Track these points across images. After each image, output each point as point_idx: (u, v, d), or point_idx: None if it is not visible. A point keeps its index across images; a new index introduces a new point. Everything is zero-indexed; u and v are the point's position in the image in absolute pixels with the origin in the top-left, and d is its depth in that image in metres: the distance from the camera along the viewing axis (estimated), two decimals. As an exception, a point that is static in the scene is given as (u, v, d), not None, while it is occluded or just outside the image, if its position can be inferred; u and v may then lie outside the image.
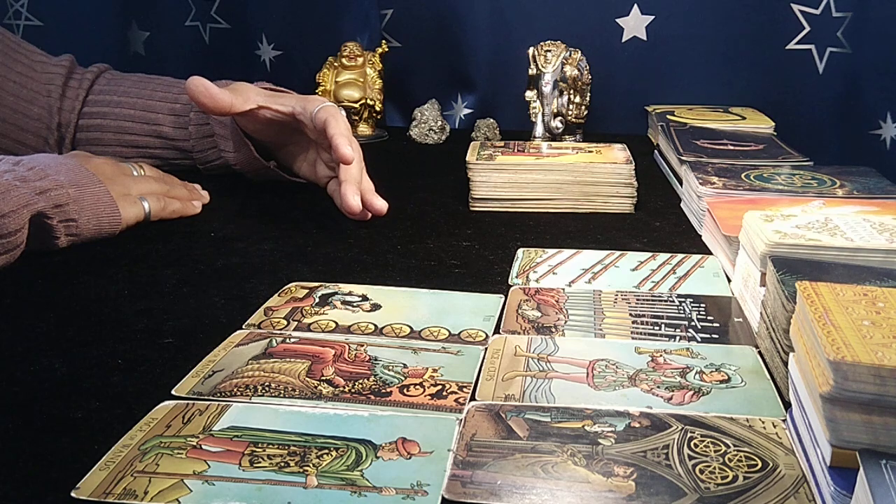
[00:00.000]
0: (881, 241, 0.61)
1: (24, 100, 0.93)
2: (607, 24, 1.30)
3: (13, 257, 0.70)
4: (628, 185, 0.91)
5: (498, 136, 1.22)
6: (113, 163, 0.86)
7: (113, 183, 0.80)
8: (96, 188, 0.77)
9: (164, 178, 0.89)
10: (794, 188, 0.85)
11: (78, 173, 0.76)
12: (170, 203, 0.86)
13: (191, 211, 0.88)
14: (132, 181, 0.84)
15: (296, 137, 0.91)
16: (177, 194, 0.88)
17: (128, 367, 0.56)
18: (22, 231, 0.69)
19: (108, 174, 0.81)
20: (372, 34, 1.35)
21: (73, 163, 0.78)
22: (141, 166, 0.88)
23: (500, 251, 0.78)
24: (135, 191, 0.84)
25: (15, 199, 0.69)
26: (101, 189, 0.77)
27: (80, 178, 0.76)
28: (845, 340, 0.41)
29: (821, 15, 1.23)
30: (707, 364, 0.56)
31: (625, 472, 0.44)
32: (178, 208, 0.87)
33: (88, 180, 0.77)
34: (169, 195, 0.86)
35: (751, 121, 1.19)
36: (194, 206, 0.89)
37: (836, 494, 0.40)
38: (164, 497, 0.42)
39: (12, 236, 0.68)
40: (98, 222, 0.77)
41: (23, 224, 0.69)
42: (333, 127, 0.82)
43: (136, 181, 0.85)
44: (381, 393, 0.53)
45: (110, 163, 0.86)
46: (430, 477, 0.44)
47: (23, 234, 0.70)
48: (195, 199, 0.90)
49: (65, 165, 0.77)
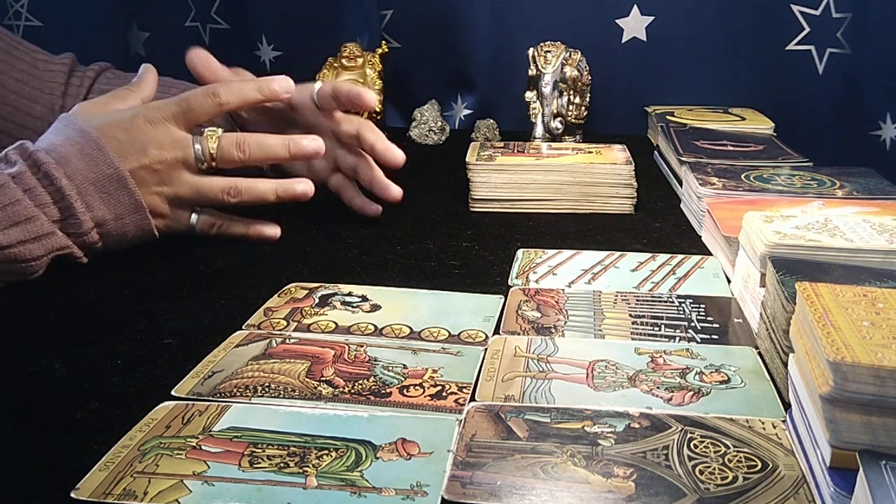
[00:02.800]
0: (881, 241, 0.61)
1: (26, 98, 0.93)
2: (607, 24, 1.30)
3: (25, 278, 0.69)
4: (628, 186, 0.91)
5: (498, 136, 1.21)
6: (177, 143, 0.73)
7: (166, 185, 0.73)
8: (137, 217, 0.71)
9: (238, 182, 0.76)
10: (793, 189, 0.85)
11: (119, 196, 0.70)
12: (229, 224, 0.79)
13: (256, 234, 0.80)
14: (195, 181, 0.74)
15: (290, 130, 0.88)
16: (252, 191, 0.76)
17: (128, 367, 0.56)
18: (41, 269, 0.68)
19: (165, 175, 0.72)
20: (372, 34, 1.35)
21: (114, 170, 0.69)
22: (215, 133, 0.74)
23: (500, 252, 0.78)
24: (193, 192, 0.74)
25: (41, 240, 0.66)
26: (141, 219, 0.71)
27: (121, 207, 0.70)
28: (845, 341, 0.41)
29: (820, 16, 1.23)
30: (707, 365, 0.56)
31: (624, 472, 0.44)
32: (239, 231, 0.79)
33: (128, 208, 0.70)
34: (237, 197, 0.76)
35: (751, 121, 1.19)
36: (265, 230, 0.80)
37: (836, 495, 0.40)
38: (163, 497, 0.42)
39: (28, 265, 0.67)
40: (127, 243, 0.73)
41: (42, 267, 0.68)
42: (370, 134, 0.82)
43: (199, 182, 0.74)
44: (380, 393, 0.53)
45: (172, 143, 0.72)
46: (429, 477, 0.44)
47: (40, 271, 0.69)
48: (271, 223, 0.81)
49: (101, 178, 0.69)
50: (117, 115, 0.73)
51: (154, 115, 0.73)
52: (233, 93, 0.75)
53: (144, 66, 0.83)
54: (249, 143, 0.75)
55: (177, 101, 0.74)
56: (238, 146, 0.75)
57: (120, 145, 0.71)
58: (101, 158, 0.70)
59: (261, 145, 0.76)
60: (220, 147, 0.74)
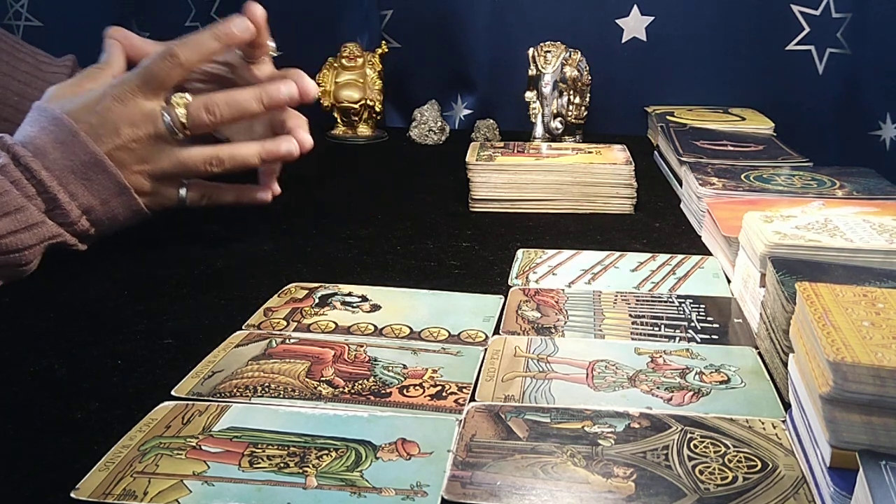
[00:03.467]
0: (881, 241, 0.61)
1: (28, 100, 0.93)
2: (607, 24, 1.30)
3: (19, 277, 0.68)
4: (628, 186, 0.91)
5: (498, 136, 1.21)
6: (147, 117, 0.71)
7: (146, 162, 0.71)
8: (123, 199, 0.71)
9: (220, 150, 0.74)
10: (793, 189, 0.85)
11: (100, 181, 0.69)
12: (219, 194, 0.77)
13: (248, 200, 0.78)
14: (175, 154, 0.72)
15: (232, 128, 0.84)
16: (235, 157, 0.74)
17: (128, 367, 0.56)
18: (34, 259, 0.68)
19: (143, 152, 0.71)
20: (372, 35, 1.35)
21: (91, 155, 0.69)
22: (182, 100, 0.72)
23: (500, 252, 0.79)
24: (175, 166, 0.73)
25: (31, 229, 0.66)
26: (127, 200, 0.71)
27: (105, 191, 0.70)
28: (845, 341, 0.41)
29: (820, 16, 1.23)
30: (707, 365, 0.56)
31: (624, 472, 0.44)
32: (230, 199, 0.78)
33: (112, 191, 0.70)
34: (220, 166, 0.74)
35: (750, 121, 1.19)
36: (256, 195, 0.79)
37: (836, 495, 0.40)
38: (163, 497, 0.42)
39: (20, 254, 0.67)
40: (120, 225, 0.73)
41: (36, 256, 0.68)
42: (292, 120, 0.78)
43: (180, 154, 0.73)
44: (380, 393, 0.53)
45: (143, 117, 0.71)
46: (429, 477, 0.44)
47: (34, 262, 0.68)
48: (263, 187, 0.79)
49: (79, 165, 0.68)
50: (87, 98, 0.71)
51: (120, 92, 0.71)
52: (190, 48, 0.72)
53: (108, 40, 0.79)
54: (218, 103, 0.72)
55: (137, 72, 0.71)
56: (207, 109, 0.72)
57: (92, 129, 0.70)
58: (77, 145, 0.69)
59: (230, 104, 0.73)
60: (189, 114, 0.71)
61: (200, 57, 0.74)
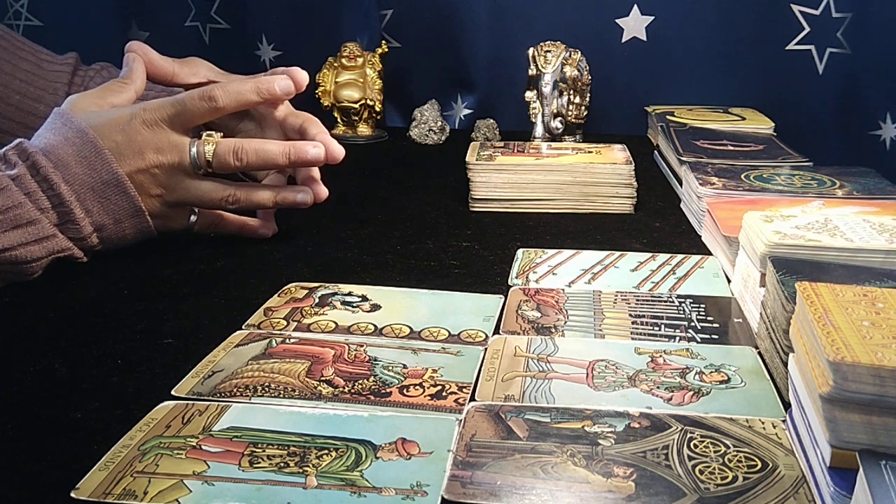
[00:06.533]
0: (881, 241, 0.61)
1: (30, 98, 0.93)
2: (607, 24, 1.30)
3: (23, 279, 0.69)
4: (628, 186, 0.91)
5: (498, 136, 1.22)
6: (174, 147, 0.72)
7: (164, 189, 0.73)
8: (136, 220, 0.72)
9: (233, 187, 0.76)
10: (793, 189, 0.85)
11: (117, 201, 0.70)
12: (225, 223, 0.79)
13: (250, 233, 0.80)
14: (194, 186, 0.74)
15: (245, 125, 0.85)
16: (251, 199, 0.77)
17: (128, 367, 0.56)
18: (40, 269, 0.68)
19: (163, 179, 0.72)
20: (372, 34, 1.35)
21: (112, 175, 0.69)
22: (213, 139, 0.74)
23: (500, 251, 0.79)
24: (192, 197, 0.75)
25: (41, 242, 0.66)
26: (140, 222, 0.72)
27: (120, 211, 0.70)
28: (845, 341, 0.41)
29: (820, 15, 1.23)
30: (707, 364, 0.56)
31: (624, 472, 0.44)
32: (234, 229, 0.80)
33: (127, 212, 0.71)
34: (236, 204, 0.76)
35: (751, 121, 1.19)
36: (258, 230, 0.81)
37: (836, 495, 0.40)
38: (163, 497, 0.42)
39: (28, 266, 0.67)
40: (126, 243, 0.73)
41: (42, 267, 0.68)
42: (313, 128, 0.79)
43: (199, 187, 0.74)
44: (380, 393, 0.53)
45: (170, 146, 0.72)
46: (429, 477, 0.44)
47: (39, 271, 0.69)
48: (264, 223, 0.81)
49: (100, 183, 0.69)
50: (115, 116, 0.72)
51: (151, 118, 0.72)
52: (230, 95, 0.74)
53: (129, 55, 0.81)
54: (247, 150, 0.74)
55: (173, 102, 0.73)
56: (235, 154, 0.74)
57: (118, 147, 0.70)
58: (100, 163, 0.69)
59: (259, 152, 0.75)
60: (217, 154, 0.73)
61: (237, 106, 0.76)
